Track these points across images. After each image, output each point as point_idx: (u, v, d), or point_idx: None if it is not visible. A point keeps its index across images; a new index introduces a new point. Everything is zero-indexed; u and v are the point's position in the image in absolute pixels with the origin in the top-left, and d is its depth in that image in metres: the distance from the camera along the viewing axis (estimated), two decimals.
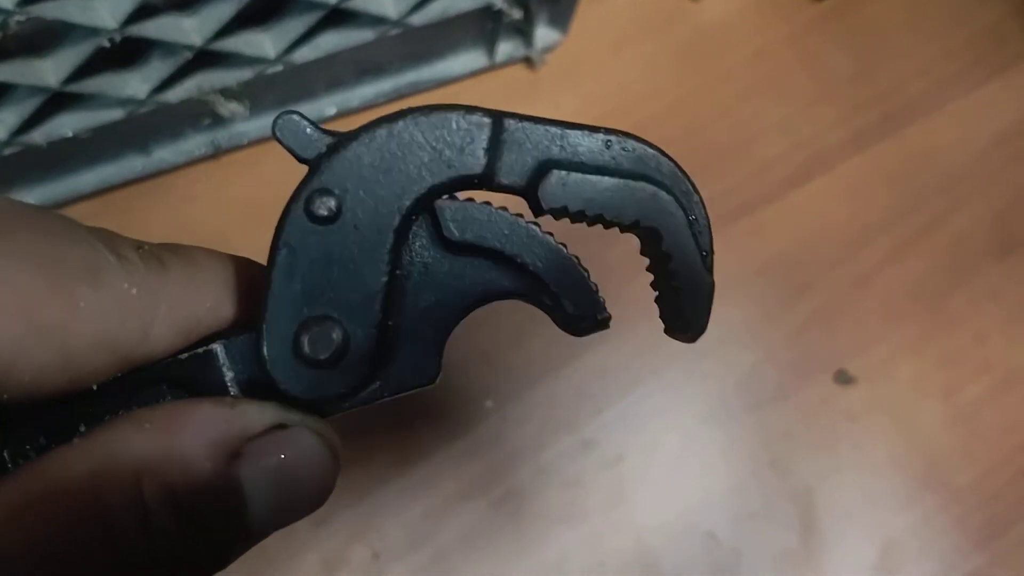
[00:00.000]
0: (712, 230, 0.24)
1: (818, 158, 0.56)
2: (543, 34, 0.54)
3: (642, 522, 0.49)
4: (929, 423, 0.51)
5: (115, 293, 0.21)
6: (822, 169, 0.56)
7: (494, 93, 0.55)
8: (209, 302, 0.24)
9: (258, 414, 0.22)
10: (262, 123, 0.51)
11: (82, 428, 0.22)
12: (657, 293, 0.25)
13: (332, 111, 0.52)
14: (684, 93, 0.56)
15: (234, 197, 0.52)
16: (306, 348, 0.22)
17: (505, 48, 0.54)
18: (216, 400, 0.22)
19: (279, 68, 0.46)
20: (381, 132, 0.23)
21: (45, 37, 0.40)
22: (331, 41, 0.46)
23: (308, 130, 0.23)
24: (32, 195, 0.49)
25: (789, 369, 0.52)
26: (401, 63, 0.52)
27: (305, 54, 0.46)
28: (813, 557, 0.49)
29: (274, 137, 0.23)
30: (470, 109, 0.23)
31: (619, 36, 0.57)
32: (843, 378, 0.52)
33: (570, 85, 0.56)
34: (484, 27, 0.52)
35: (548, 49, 0.55)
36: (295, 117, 0.23)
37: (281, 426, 0.22)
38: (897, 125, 0.57)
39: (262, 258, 0.23)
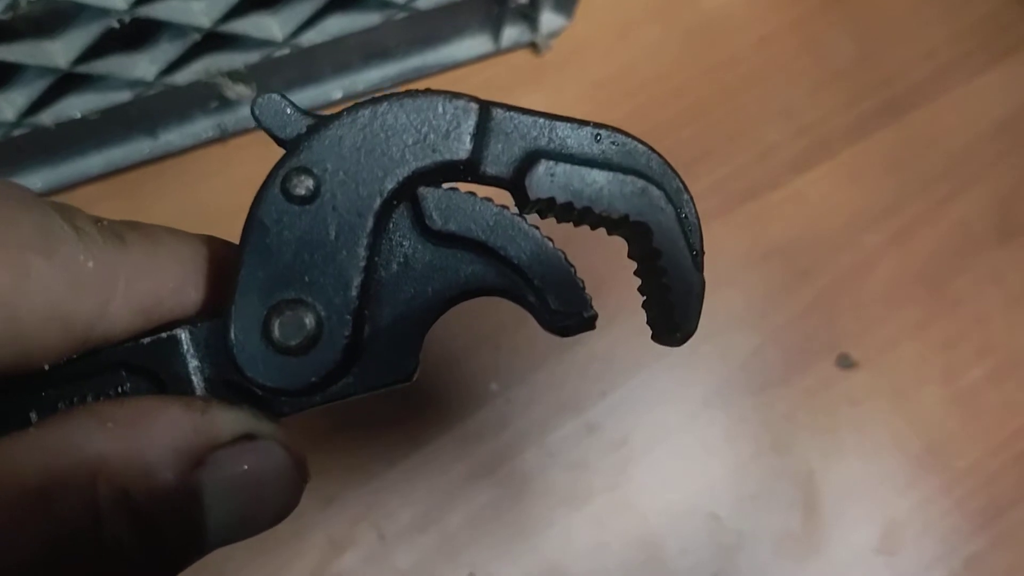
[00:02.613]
0: (717, 215, 0.23)
1: (822, 143, 0.56)
2: (548, 19, 0.54)
3: (646, 504, 0.50)
4: (930, 406, 0.52)
5: (69, 264, 0.20)
6: (825, 154, 0.56)
7: (499, 78, 0.55)
8: (172, 283, 0.22)
9: (228, 422, 0.20)
10: None
11: (33, 415, 0.21)
12: (644, 298, 0.24)
13: (339, 95, 0.52)
14: (688, 78, 0.56)
15: (241, 180, 0.52)
16: (276, 333, 0.21)
17: (511, 33, 0.54)
18: (186, 402, 0.20)
19: (286, 51, 0.46)
20: (364, 112, 0.22)
21: (55, 18, 0.40)
22: (338, 24, 0.46)
23: (288, 110, 0.22)
24: (40, 176, 0.49)
25: (791, 353, 0.52)
26: (407, 47, 0.53)
27: (312, 37, 0.46)
28: (815, 538, 0.49)
29: (252, 116, 0.22)
30: (457, 95, 0.22)
31: (624, 21, 0.57)
32: (845, 362, 0.52)
33: (575, 70, 0.56)
34: (490, 12, 0.52)
35: (553, 34, 0.55)
36: (275, 96, 0.22)
37: (249, 436, 0.21)
38: (900, 111, 0.57)
39: None
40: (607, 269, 0.23)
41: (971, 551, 0.50)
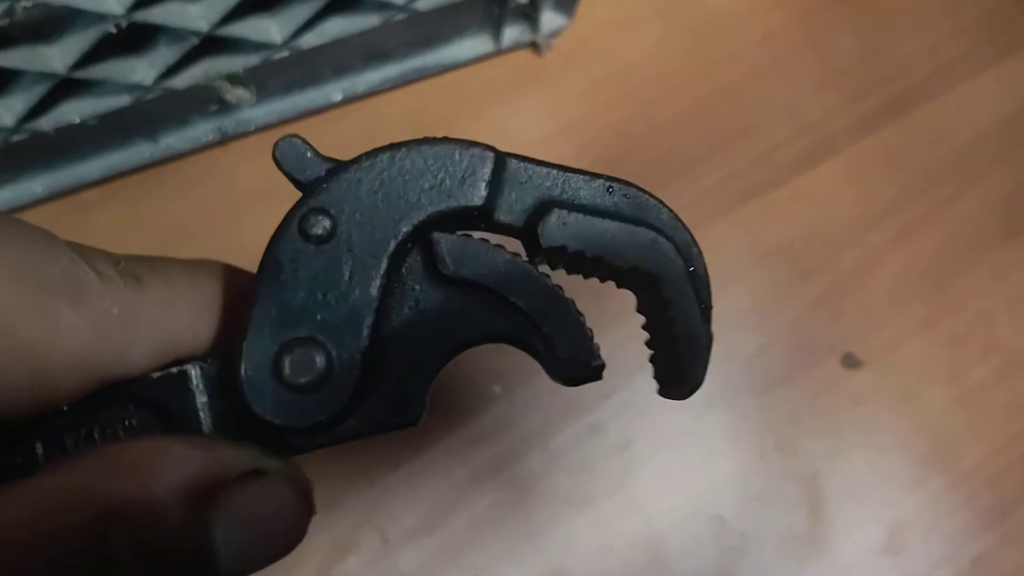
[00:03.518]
0: (720, 214, 0.24)
1: (825, 141, 0.56)
2: (549, 19, 0.53)
3: (650, 505, 0.49)
4: (936, 405, 0.52)
5: (96, 312, 0.20)
6: (829, 153, 0.55)
7: (500, 78, 0.55)
8: (187, 320, 0.23)
9: (234, 458, 0.21)
10: (268, 109, 0.51)
11: (39, 447, 0.21)
12: (652, 352, 0.24)
13: (338, 97, 0.52)
14: (691, 76, 0.56)
15: (241, 183, 0.52)
16: (287, 370, 0.21)
17: (511, 33, 0.54)
18: (192, 441, 0.21)
19: (285, 54, 0.46)
20: (383, 157, 0.22)
21: (51, 23, 0.40)
22: (337, 26, 0.46)
23: (308, 154, 0.22)
24: (41, 182, 0.49)
25: (796, 353, 0.52)
26: (407, 48, 0.52)
27: (311, 39, 0.46)
28: (820, 539, 0.49)
29: (273, 160, 0.22)
30: (473, 143, 0.23)
31: (625, 19, 0.57)
32: (850, 361, 0.52)
33: (576, 69, 0.56)
34: (490, 12, 0.52)
35: (554, 34, 0.54)
36: (296, 141, 0.22)
37: (257, 472, 0.21)
38: (904, 108, 0.56)
39: (264, 244, 0.22)
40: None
41: (978, 550, 0.50)
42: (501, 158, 0.23)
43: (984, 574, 0.49)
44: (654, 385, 0.25)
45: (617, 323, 0.49)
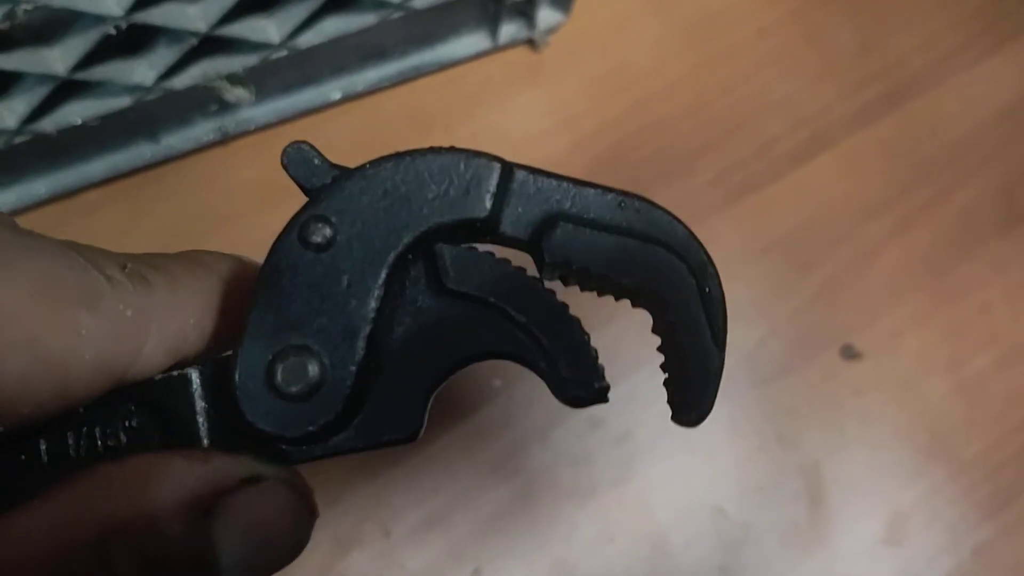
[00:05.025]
0: (718, 209, 0.23)
1: (823, 134, 0.56)
2: (545, 15, 0.54)
3: (651, 498, 0.50)
4: (935, 396, 0.52)
5: (112, 316, 0.21)
6: (826, 145, 0.56)
7: (497, 75, 0.56)
8: (193, 319, 0.23)
9: (232, 467, 0.21)
10: (268, 109, 0.52)
11: (42, 444, 0.21)
12: (666, 376, 0.23)
13: (337, 96, 0.52)
14: (688, 71, 0.56)
15: (242, 182, 0.52)
16: (279, 377, 0.21)
17: (508, 30, 0.54)
18: (187, 454, 0.21)
19: (283, 53, 0.46)
20: (387, 166, 0.22)
21: (52, 26, 0.40)
22: (334, 25, 0.46)
23: (316, 161, 0.22)
24: (44, 183, 0.49)
25: (795, 345, 0.52)
26: (404, 47, 0.53)
27: (309, 39, 0.46)
28: (820, 530, 0.49)
29: (282, 166, 0.22)
30: (479, 153, 0.22)
31: (622, 15, 0.57)
32: (849, 353, 0.52)
33: (573, 66, 0.56)
34: (486, 9, 0.52)
35: (551, 30, 0.55)
36: (304, 147, 0.22)
37: (254, 479, 0.21)
38: (902, 99, 0.57)
39: (269, 241, 0.22)
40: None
41: (978, 540, 0.50)
42: (508, 169, 0.22)
43: (984, 564, 0.49)
44: (655, 378, 0.24)
45: (617, 316, 0.49)
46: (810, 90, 0.56)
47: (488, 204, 0.22)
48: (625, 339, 0.50)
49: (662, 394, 0.23)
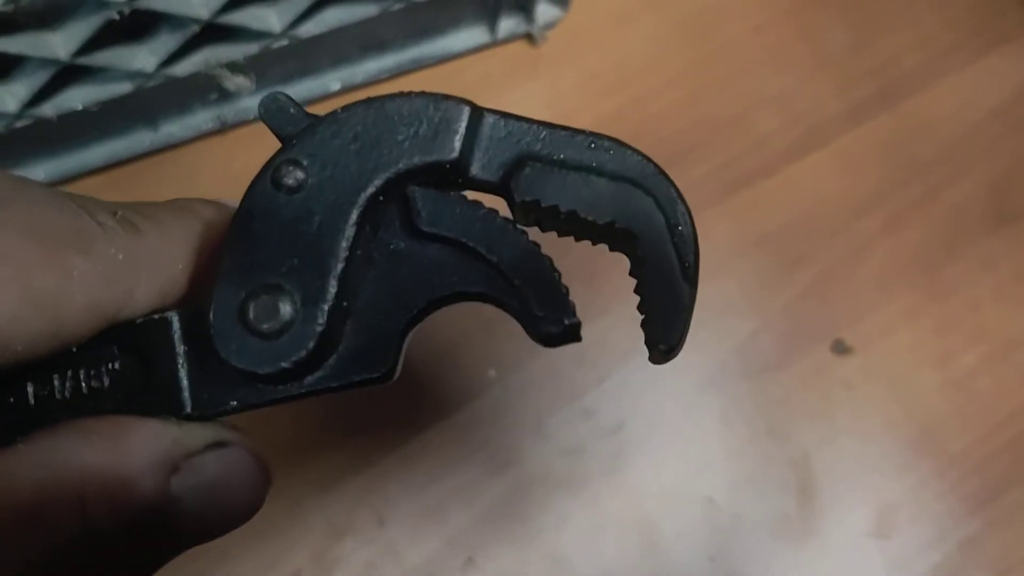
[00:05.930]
0: (712, 204, 0.22)
1: (815, 131, 0.56)
2: (544, 10, 0.54)
3: (642, 488, 0.50)
4: (925, 391, 0.52)
5: (104, 259, 0.22)
6: (819, 142, 0.56)
7: (495, 69, 0.56)
8: (181, 262, 0.24)
9: (200, 434, 0.22)
10: None
11: (29, 387, 0.22)
12: (643, 316, 0.23)
13: (337, 86, 0.53)
14: (684, 67, 0.57)
15: (241, 171, 0.52)
16: (251, 315, 0.21)
17: (507, 24, 0.54)
18: (164, 421, 0.22)
19: (284, 43, 0.47)
20: (358, 110, 0.22)
21: (55, 10, 0.41)
22: (335, 16, 0.47)
23: (291, 109, 0.23)
24: (43, 168, 0.50)
25: (786, 339, 0.53)
26: (404, 39, 0.53)
27: (310, 28, 0.47)
28: (810, 521, 0.50)
29: (259, 116, 0.23)
30: (449, 97, 0.22)
31: (620, 11, 0.58)
32: (840, 347, 0.53)
33: (571, 61, 0.57)
34: (486, 3, 0.53)
35: (549, 25, 0.55)
36: (280, 96, 0.23)
37: (219, 444, 0.23)
38: (894, 98, 0.57)
39: None
40: (604, 260, 0.23)
41: (965, 534, 0.50)
42: (478, 112, 0.22)
43: (971, 557, 0.50)
44: (647, 369, 0.24)
45: (611, 307, 0.50)
46: (804, 87, 0.57)
47: (457, 146, 0.22)
48: (617, 331, 0.51)
49: (654, 385, 0.23)
